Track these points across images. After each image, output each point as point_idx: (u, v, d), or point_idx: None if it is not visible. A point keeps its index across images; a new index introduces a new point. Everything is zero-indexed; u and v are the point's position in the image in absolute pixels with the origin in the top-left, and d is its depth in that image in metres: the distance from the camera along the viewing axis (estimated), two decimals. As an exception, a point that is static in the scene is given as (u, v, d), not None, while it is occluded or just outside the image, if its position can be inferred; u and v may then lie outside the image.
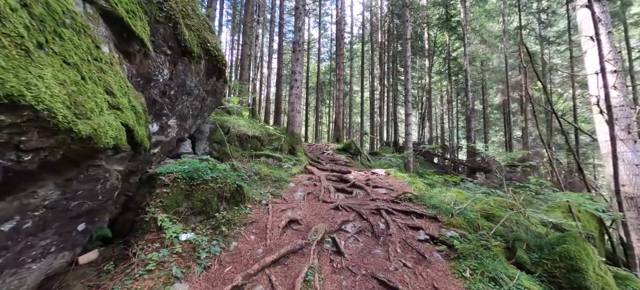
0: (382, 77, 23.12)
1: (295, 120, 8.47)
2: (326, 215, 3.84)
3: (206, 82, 4.41)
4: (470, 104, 18.52)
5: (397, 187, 5.45)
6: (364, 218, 3.82)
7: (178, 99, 3.71)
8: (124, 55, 2.57)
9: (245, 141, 6.60)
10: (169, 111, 3.58)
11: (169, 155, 4.27)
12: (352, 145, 11.46)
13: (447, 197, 4.68)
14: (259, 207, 3.85)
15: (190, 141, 4.87)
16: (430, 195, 4.39)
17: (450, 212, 3.63)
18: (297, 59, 8.64)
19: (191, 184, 3.00)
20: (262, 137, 7.03)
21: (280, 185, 5.15)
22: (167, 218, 2.64)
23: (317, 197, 4.75)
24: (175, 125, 3.89)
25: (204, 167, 3.40)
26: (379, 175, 6.68)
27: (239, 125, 6.75)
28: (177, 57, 3.42)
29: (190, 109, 4.19)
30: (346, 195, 5.01)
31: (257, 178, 5.24)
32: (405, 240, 3.19)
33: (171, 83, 3.45)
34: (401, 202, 4.26)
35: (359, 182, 5.60)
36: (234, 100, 7.47)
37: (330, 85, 30.42)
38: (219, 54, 4.40)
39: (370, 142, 26.04)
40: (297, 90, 8.58)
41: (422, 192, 4.66)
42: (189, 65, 3.68)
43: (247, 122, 7.12)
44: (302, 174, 6.44)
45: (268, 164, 6.38)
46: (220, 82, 4.91)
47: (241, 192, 3.55)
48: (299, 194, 4.78)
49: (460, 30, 19.92)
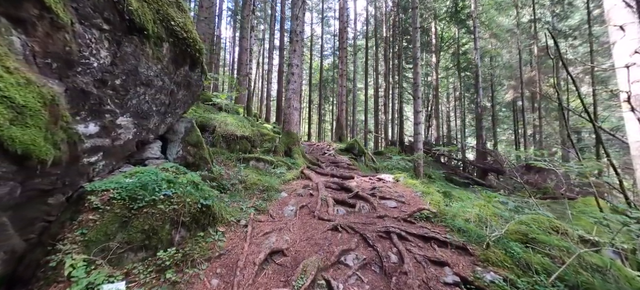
0: (387, 73, 22.14)
1: (292, 118, 7.62)
2: (321, 241, 2.99)
3: (174, 72, 3.57)
4: (481, 101, 17.50)
5: (408, 197, 4.57)
6: (369, 245, 2.96)
7: (130, 91, 2.88)
8: (14, 23, 1.73)
9: (233, 142, 5.77)
10: (115, 106, 2.75)
11: (127, 161, 3.44)
12: (356, 145, 10.58)
13: (471, 213, 3.80)
14: (236, 230, 3.00)
15: (160, 143, 4.05)
16: (452, 212, 3.50)
17: (485, 241, 2.74)
18: (295, 50, 7.77)
19: (132, 207, 2.17)
20: (253, 137, 6.20)
21: (269, 195, 4.31)
22: (84, 261, 1.81)
23: (312, 211, 3.90)
24: (130, 124, 3.06)
25: (158, 179, 2.57)
26: (386, 181, 5.80)
27: (227, 124, 5.92)
28: (121, 35, 2.58)
29: (152, 105, 3.36)
30: (348, 209, 4.14)
31: (241, 187, 4.40)
32: (427, 284, 2.32)
33: (115, 69, 2.61)
34: (417, 222, 3.39)
35: (363, 191, 4.74)
36: (221, 96, 6.64)
37: (333, 82, 29.52)
38: (189, 36, 3.56)
39: (374, 141, 25.12)
40: (295, 85, 7.72)
41: (441, 207, 3.77)
42: (142, 47, 2.84)
43: (237, 121, 6.29)
44: (298, 180, 5.59)
45: (258, 168, 5.55)
46: (196, 72, 4.07)
47: (209, 213, 2.71)
48: (290, 208, 3.92)
49: (470, 24, 18.87)
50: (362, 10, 28.90)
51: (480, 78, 17.50)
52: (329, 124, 34.98)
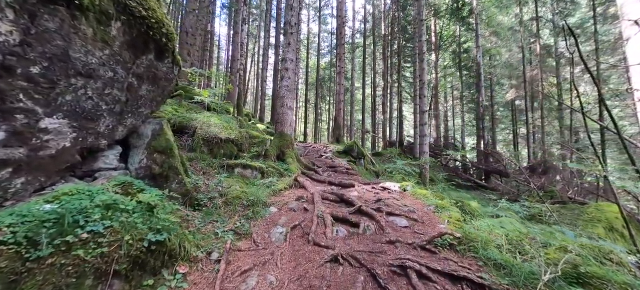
0: (385, 72, 21.48)
1: (286, 118, 6.89)
2: (317, 281, 2.28)
3: (132, 61, 2.82)
4: (483, 100, 16.95)
5: (420, 213, 3.88)
6: (381, 286, 2.26)
7: (59, 83, 2.13)
8: None
9: (216, 146, 5.03)
10: (35, 104, 2.00)
11: (70, 174, 2.69)
12: (354, 147, 9.87)
13: (498, 233, 3.12)
14: (204, 268, 2.28)
15: (119, 150, 3.31)
16: (481, 237, 2.81)
17: (536, 284, 2.05)
18: (289, 43, 7.03)
19: (29, 258, 1.43)
20: (240, 140, 5.46)
21: (255, 212, 3.58)
22: None
23: (306, 233, 3.19)
24: (65, 127, 2.31)
25: (91, 205, 1.84)
26: (391, 191, 5.11)
27: (209, 125, 5.18)
28: (35, 3, 1.84)
29: (101, 102, 2.61)
30: (349, 229, 3.43)
31: (221, 202, 3.67)
32: None
33: (28, 52, 1.86)
34: (438, 251, 2.69)
35: (366, 204, 4.04)
36: (203, 92, 5.88)
37: (330, 81, 28.84)
38: (151, 16, 2.81)
39: (371, 141, 24.46)
40: (289, 81, 6.98)
41: (465, 229, 3.08)
42: (74, 23, 2.09)
43: (223, 121, 5.55)
44: (291, 190, 4.87)
45: (244, 177, 4.81)
46: (165, 63, 3.33)
47: (162, 251, 1.98)
48: (280, 229, 3.20)
49: (471, 21, 18.29)
50: (360, 7, 28.19)
51: (483, 76, 16.94)
52: (325, 123, 34.29)
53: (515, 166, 15.14)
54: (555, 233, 3.49)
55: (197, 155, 4.70)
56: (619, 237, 6.38)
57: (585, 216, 6.97)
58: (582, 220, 6.74)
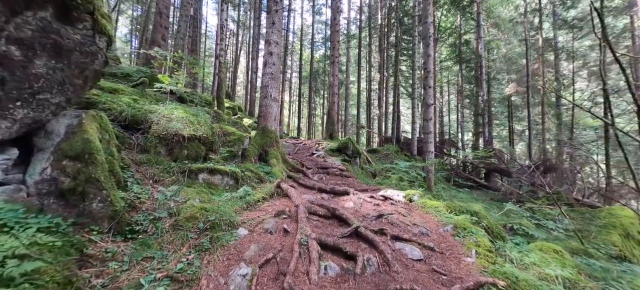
0: (381, 65, 20.50)
1: (270, 111, 5.87)
2: None
3: (5, 18, 1.80)
4: (484, 95, 16.15)
5: (436, 237, 2.96)
6: None
7: None
8: None
9: (178, 146, 4.01)
10: None
11: None
12: (349, 145, 8.92)
13: (550, 275, 2.23)
14: None
15: (15, 153, 2.29)
16: (532, 284, 1.90)
17: None
18: (274, 23, 5.97)
19: None
20: (210, 138, 4.45)
21: (214, 240, 2.60)
22: None
23: (281, 274, 2.24)
24: None
25: None
26: (394, 201, 4.18)
27: (170, 120, 4.15)
28: None
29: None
30: (343, 264, 2.49)
31: (168, 225, 2.69)
32: None
33: None
34: (478, 316, 1.76)
35: (365, 223, 3.10)
36: (163, 78, 4.81)
37: (324, 74, 27.73)
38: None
39: (366, 137, 23.58)
40: (273, 68, 5.95)
41: (506, 269, 2.17)
42: None
43: (189, 114, 4.52)
44: (271, 201, 3.90)
45: (212, 185, 3.82)
46: (77, 28, 2.30)
47: None
48: (243, 270, 2.23)
49: (473, 10, 17.39)
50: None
51: (484, 70, 16.13)
52: (319, 118, 33.27)
53: (518, 165, 14.47)
54: (613, 271, 2.64)
55: (150, 157, 3.69)
56: (635, 245, 5.80)
57: (597, 221, 6.40)
58: (595, 226, 6.15)
